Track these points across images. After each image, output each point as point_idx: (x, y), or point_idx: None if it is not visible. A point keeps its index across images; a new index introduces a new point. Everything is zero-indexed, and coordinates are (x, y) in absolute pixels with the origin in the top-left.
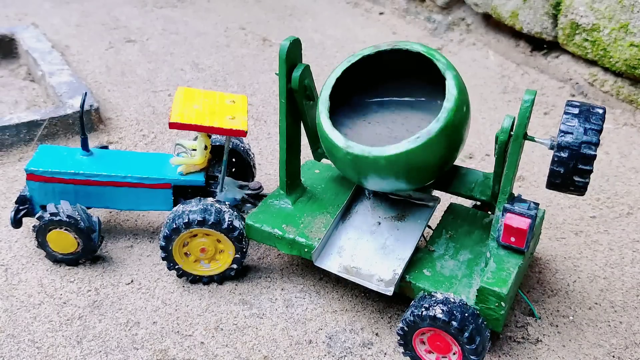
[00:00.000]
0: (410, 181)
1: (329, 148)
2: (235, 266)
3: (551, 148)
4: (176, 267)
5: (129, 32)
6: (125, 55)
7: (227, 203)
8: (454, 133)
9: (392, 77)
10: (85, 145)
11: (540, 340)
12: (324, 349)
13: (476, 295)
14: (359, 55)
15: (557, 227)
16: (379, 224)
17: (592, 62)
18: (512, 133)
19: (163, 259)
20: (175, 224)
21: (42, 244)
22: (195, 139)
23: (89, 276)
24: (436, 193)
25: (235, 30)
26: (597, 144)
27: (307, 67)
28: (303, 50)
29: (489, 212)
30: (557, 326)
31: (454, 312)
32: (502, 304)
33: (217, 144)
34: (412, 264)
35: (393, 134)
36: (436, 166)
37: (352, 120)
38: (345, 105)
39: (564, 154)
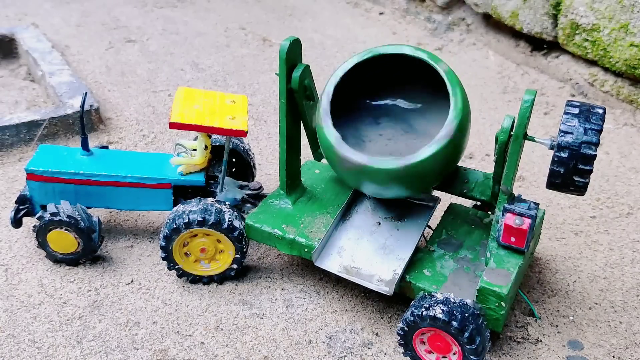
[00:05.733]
0: (410, 189)
1: (329, 155)
2: (235, 266)
3: (551, 148)
4: (176, 267)
5: (129, 32)
6: (125, 55)
7: (227, 203)
8: (456, 146)
9: (392, 81)
10: (85, 145)
11: (540, 340)
12: (324, 349)
13: (476, 295)
14: (354, 61)
15: (557, 227)
16: (379, 224)
17: (592, 62)
18: (512, 133)
19: (163, 259)
20: (176, 224)
21: (42, 244)
22: (196, 139)
23: (89, 276)
24: (436, 193)
25: (235, 30)
26: (597, 144)
27: (307, 67)
28: (303, 50)
29: (489, 212)
30: (557, 326)
31: (454, 312)
32: (502, 304)
33: (217, 144)
34: (412, 264)
35: (394, 140)
36: (437, 175)
37: (353, 123)
38: (345, 108)
39: (564, 154)
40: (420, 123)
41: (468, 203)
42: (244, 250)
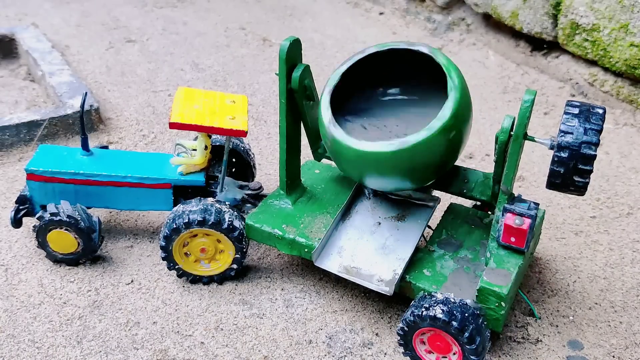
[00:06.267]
0: (411, 180)
1: (331, 144)
2: (235, 266)
3: (551, 148)
4: (176, 267)
5: (129, 32)
6: (125, 55)
7: (227, 203)
8: (455, 131)
9: (392, 76)
10: (85, 145)
11: (540, 340)
12: (324, 349)
13: (476, 295)
14: (361, 55)
15: (557, 227)
16: (379, 224)
17: (592, 62)
18: (512, 133)
19: (163, 259)
20: (176, 224)
21: (42, 244)
22: (196, 139)
23: (89, 276)
24: (436, 193)
25: (235, 30)
26: (597, 144)
27: (307, 67)
28: (303, 50)
29: (489, 212)
30: (557, 326)
31: (454, 312)
32: (502, 304)
33: (217, 144)
34: (412, 264)
35: (394, 132)
36: (437, 165)
37: (354, 117)
38: (347, 103)
39: (564, 154)
40: (423, 119)
41: (468, 203)
42: (244, 250)
